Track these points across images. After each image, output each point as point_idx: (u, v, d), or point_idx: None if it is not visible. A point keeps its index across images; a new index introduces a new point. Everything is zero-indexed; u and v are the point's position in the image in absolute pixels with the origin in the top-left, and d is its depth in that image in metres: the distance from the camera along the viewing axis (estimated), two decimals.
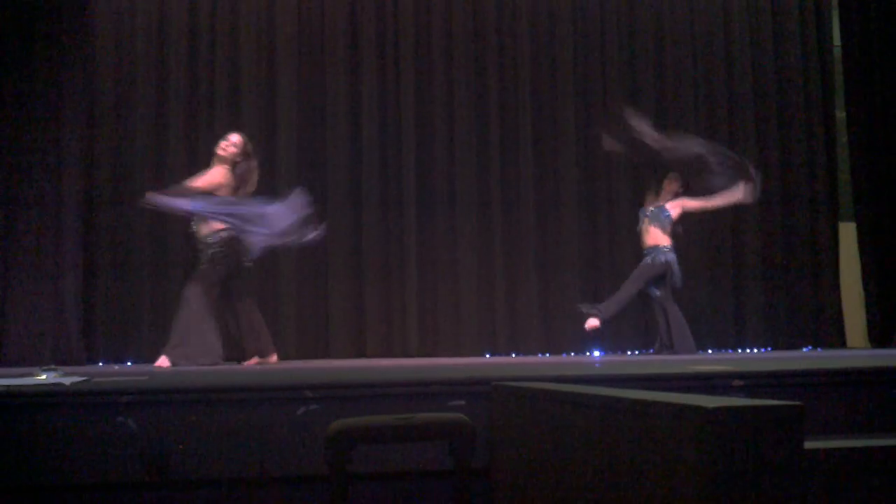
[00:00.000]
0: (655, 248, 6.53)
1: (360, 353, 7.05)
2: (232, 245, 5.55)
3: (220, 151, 5.66)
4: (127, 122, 7.03)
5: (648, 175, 6.92)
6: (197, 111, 7.14)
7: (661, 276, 6.50)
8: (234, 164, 5.65)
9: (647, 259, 6.54)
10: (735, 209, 7.72)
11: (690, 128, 7.71)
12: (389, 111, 7.36)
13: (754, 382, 3.20)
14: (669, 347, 6.46)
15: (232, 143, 5.67)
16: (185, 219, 5.70)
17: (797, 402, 1.60)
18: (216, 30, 7.23)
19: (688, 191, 6.66)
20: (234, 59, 7.22)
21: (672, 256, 6.51)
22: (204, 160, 7.02)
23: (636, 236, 6.81)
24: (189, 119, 7.11)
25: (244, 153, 5.69)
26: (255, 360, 5.64)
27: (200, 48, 7.21)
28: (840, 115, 7.97)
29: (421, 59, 7.46)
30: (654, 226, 6.58)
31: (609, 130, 6.57)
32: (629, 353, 6.82)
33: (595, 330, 6.38)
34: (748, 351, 7.34)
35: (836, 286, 7.74)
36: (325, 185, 7.21)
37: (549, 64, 7.62)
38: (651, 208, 6.67)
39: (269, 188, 7.13)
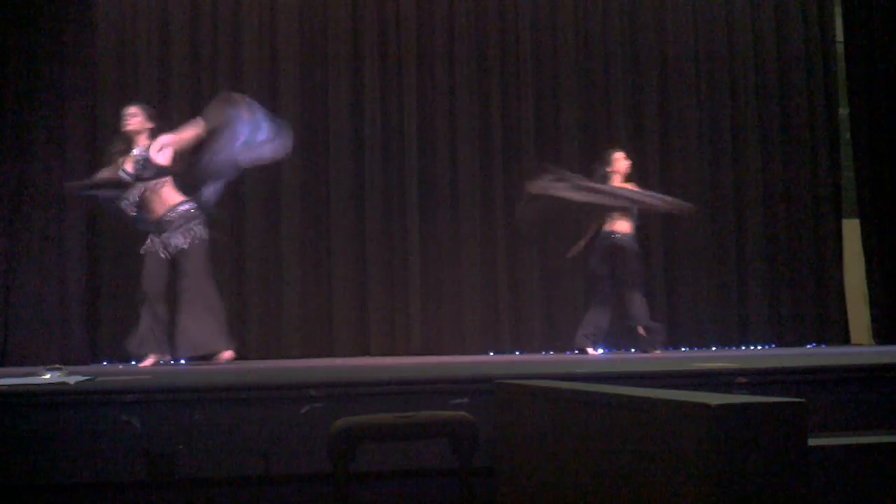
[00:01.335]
0: (631, 235, 6.47)
1: (364, 352, 7.05)
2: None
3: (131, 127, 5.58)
4: None
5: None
6: (199, 109, 7.12)
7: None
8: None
9: (634, 252, 6.45)
10: (738, 206, 7.74)
11: (693, 125, 7.72)
12: (392, 109, 7.36)
13: (758, 379, 3.20)
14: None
15: (131, 113, 5.59)
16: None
17: (801, 399, 1.60)
18: (218, 27, 7.24)
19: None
20: (236, 57, 7.22)
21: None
22: None
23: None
24: (191, 117, 7.09)
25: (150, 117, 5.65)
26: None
27: (202, 46, 7.21)
28: (843, 111, 7.96)
29: (423, 56, 7.46)
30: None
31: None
32: (632, 350, 6.81)
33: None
34: (752, 348, 7.33)
35: (839, 283, 7.73)
36: (328, 183, 7.21)
37: (552, 61, 7.61)
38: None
39: (272, 187, 7.17)
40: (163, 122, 5.74)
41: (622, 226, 6.46)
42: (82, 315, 6.55)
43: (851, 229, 7.81)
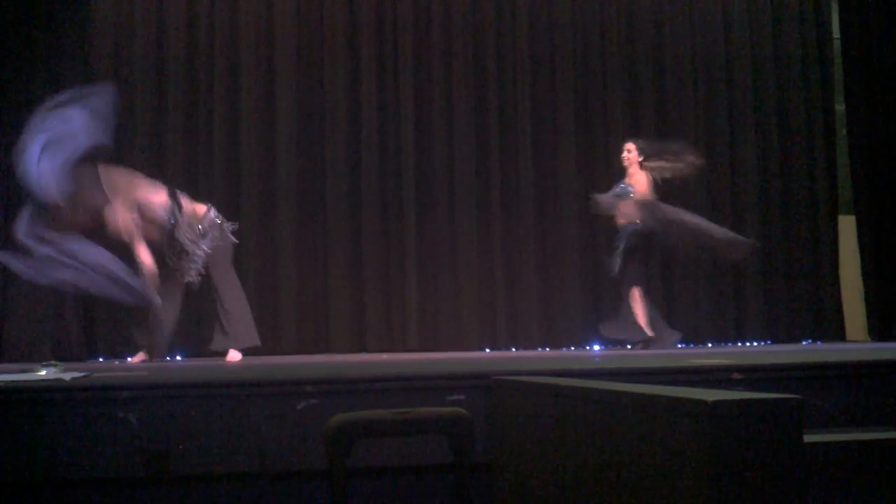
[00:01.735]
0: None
1: (361, 348, 7.05)
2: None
3: None
4: (126, 122, 7.00)
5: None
6: (195, 112, 7.12)
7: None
8: None
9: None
10: (734, 203, 7.75)
11: (690, 121, 7.72)
12: (389, 109, 7.35)
13: (754, 376, 3.21)
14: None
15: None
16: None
17: (797, 396, 1.60)
18: (215, 30, 7.22)
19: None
20: (232, 61, 7.21)
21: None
22: (203, 160, 7.04)
23: None
24: (187, 120, 7.09)
25: None
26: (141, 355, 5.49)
27: (199, 50, 7.19)
28: (839, 107, 7.97)
29: (420, 57, 7.45)
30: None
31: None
32: (628, 346, 6.81)
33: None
34: (748, 344, 7.34)
35: (835, 279, 7.74)
36: (325, 180, 7.21)
37: (548, 60, 7.61)
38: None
39: (269, 187, 7.16)
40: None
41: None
42: (78, 311, 6.53)
43: (847, 225, 7.82)
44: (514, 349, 7.16)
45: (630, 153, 6.59)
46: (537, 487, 2.30)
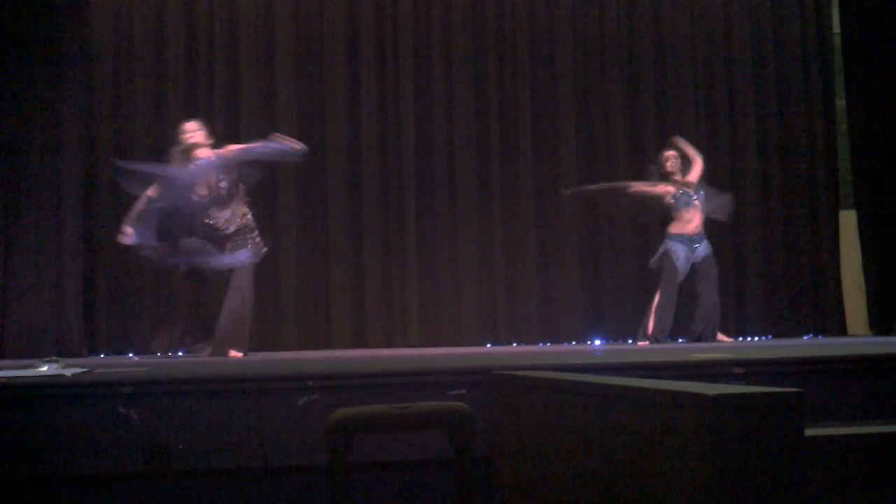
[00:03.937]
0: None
1: (362, 343, 7.05)
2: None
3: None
4: (126, 117, 7.02)
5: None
6: (195, 106, 7.11)
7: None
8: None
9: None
10: (735, 198, 7.73)
11: (690, 116, 7.71)
12: (389, 103, 7.35)
13: (754, 370, 3.21)
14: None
15: (192, 128, 5.64)
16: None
17: (798, 390, 1.60)
18: (215, 25, 7.21)
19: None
20: (232, 55, 7.20)
21: (666, 245, 6.46)
22: None
23: (635, 226, 6.82)
24: (187, 114, 7.07)
25: None
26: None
27: (199, 45, 7.19)
28: (840, 103, 7.96)
29: (420, 51, 7.44)
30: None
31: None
32: (629, 341, 6.82)
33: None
34: (749, 339, 7.34)
35: (836, 274, 7.74)
36: (325, 175, 7.21)
37: (549, 55, 7.60)
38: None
39: (270, 183, 7.15)
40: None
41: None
42: (79, 307, 6.54)
43: (848, 220, 7.81)
44: (514, 344, 7.17)
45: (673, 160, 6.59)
46: (538, 482, 2.31)
